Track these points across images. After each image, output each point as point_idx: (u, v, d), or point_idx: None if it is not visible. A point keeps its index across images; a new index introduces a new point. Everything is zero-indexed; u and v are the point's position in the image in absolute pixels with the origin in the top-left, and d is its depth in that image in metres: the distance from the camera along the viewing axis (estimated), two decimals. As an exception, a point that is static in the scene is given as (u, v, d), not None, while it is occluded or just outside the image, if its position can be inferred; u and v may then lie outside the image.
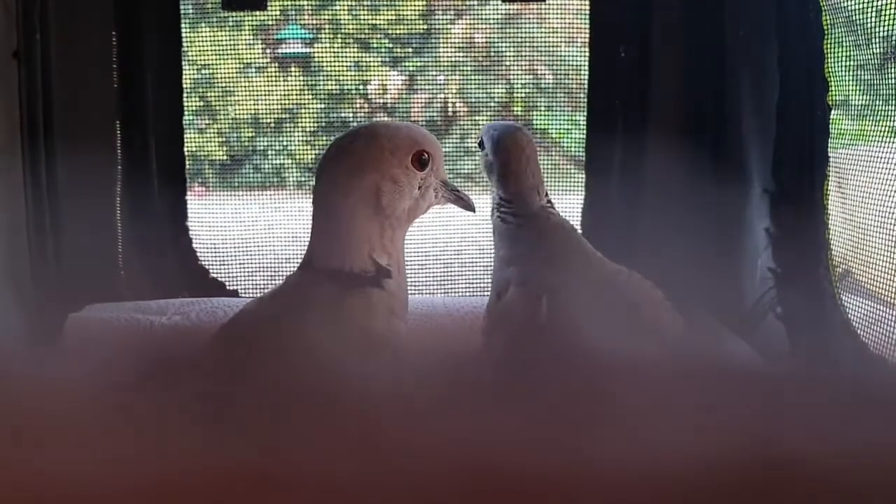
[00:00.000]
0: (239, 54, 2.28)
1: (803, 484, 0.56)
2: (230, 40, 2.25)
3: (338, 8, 2.31)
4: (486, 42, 2.27)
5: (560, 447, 0.59)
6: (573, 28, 2.17)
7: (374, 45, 2.32)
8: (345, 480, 0.56)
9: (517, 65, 2.28)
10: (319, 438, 0.60)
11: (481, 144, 1.68)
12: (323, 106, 2.34)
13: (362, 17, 2.30)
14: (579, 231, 2.18)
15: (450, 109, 2.33)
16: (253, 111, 2.35)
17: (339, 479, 0.56)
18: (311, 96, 2.33)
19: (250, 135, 2.37)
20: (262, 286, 2.30)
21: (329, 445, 0.59)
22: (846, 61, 1.82)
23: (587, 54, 2.13)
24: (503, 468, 0.57)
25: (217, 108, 2.35)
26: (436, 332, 1.87)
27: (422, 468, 0.57)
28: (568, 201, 2.20)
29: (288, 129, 2.36)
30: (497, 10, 2.24)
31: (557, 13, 2.17)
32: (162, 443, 0.60)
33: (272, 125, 2.36)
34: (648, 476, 0.56)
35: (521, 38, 2.25)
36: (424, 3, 2.23)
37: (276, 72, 2.34)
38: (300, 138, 2.37)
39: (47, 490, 0.56)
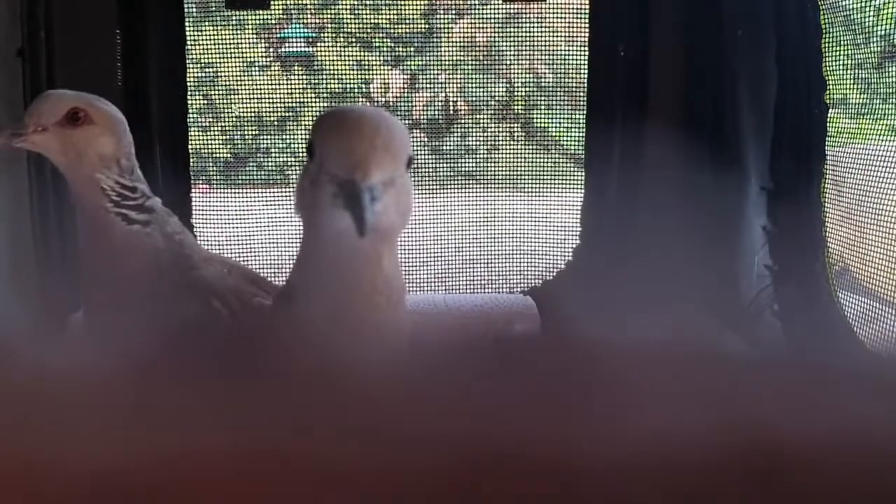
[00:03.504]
0: (242, 53, 2.29)
1: (796, 469, 0.57)
2: (233, 39, 2.25)
3: (340, 7, 2.32)
4: (487, 41, 2.28)
5: (555, 433, 0.60)
6: (573, 27, 2.17)
7: (376, 45, 2.33)
8: (348, 465, 0.57)
9: (517, 64, 2.29)
10: (326, 422, 0.61)
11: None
12: (325, 104, 2.34)
13: (364, 16, 2.31)
14: (578, 229, 2.21)
15: (451, 108, 2.34)
16: (256, 109, 2.36)
17: (343, 464, 0.57)
18: (313, 95, 2.34)
19: (254, 133, 2.38)
20: (265, 283, 2.31)
21: (334, 429, 0.60)
22: (844, 60, 1.83)
23: (587, 53, 2.13)
24: (500, 455, 0.58)
25: (221, 106, 2.37)
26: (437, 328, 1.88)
27: (422, 456, 0.58)
28: (568, 200, 2.20)
29: (291, 128, 2.38)
30: (498, 9, 2.25)
31: (557, 12, 2.17)
32: (168, 426, 0.61)
33: (275, 123, 2.37)
34: (640, 463, 0.57)
35: (522, 37, 2.25)
36: (426, 2, 2.24)
37: (279, 70, 2.35)
38: (303, 136, 2.38)
39: (48, 480, 0.57)
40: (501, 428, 0.58)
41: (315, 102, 2.34)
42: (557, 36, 2.20)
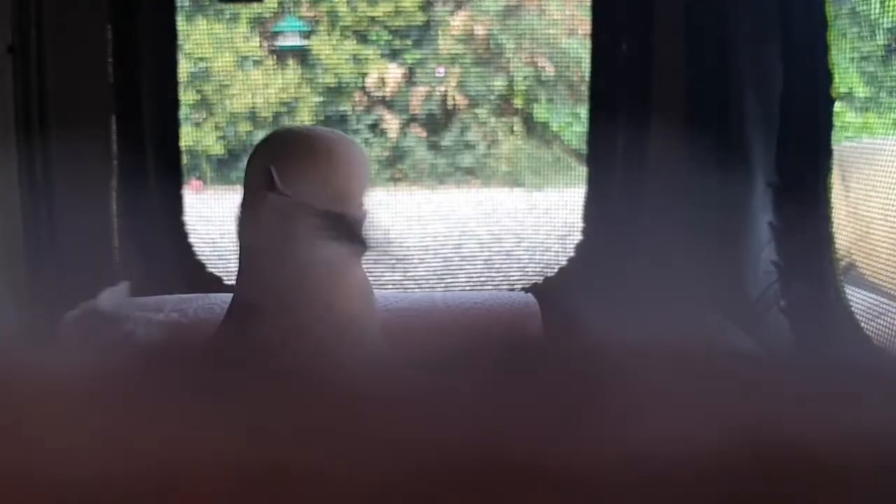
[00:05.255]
0: (236, 47, 2.26)
1: (803, 471, 0.55)
2: (227, 33, 2.23)
3: (335, 0, 2.29)
4: (487, 34, 2.26)
5: (558, 437, 0.58)
6: (574, 20, 2.15)
7: (373, 38, 2.30)
8: (343, 473, 0.55)
9: (517, 57, 2.27)
10: (319, 429, 0.59)
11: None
12: (321, 99, 2.32)
13: (360, 9, 2.28)
14: (580, 225, 2.19)
15: (449, 102, 2.32)
16: (250, 105, 2.33)
17: (337, 472, 0.55)
18: (308, 89, 2.31)
19: (248, 129, 2.35)
20: (259, 281, 2.28)
21: (327, 437, 0.58)
22: (850, 53, 1.81)
23: (588, 47, 2.11)
24: (502, 460, 0.56)
25: (214, 101, 2.33)
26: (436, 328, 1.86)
27: (422, 461, 0.56)
28: (569, 195, 2.19)
29: (286, 123, 2.35)
30: (497, 1, 2.22)
31: (558, 5, 2.15)
32: (158, 434, 0.59)
33: (270, 119, 2.34)
34: (646, 464, 0.55)
35: (522, 30, 2.23)
36: (423, -6, 2.22)
37: (273, 65, 2.32)
38: (298, 132, 2.35)
39: (41, 484, 0.55)
40: (502, 431, 0.57)
41: (310, 97, 2.31)
42: (558, 29, 2.18)
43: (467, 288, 2.24)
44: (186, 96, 2.24)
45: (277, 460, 0.54)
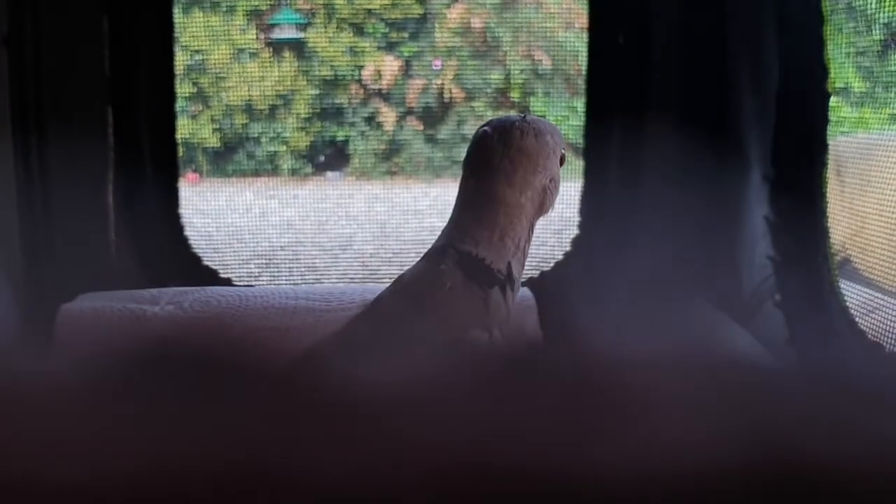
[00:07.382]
0: (232, 39, 2.25)
1: (808, 481, 0.55)
2: (223, 25, 2.22)
3: (332, -8, 2.29)
4: (483, 27, 2.25)
5: (561, 447, 0.58)
6: (571, 13, 2.15)
7: (369, 30, 2.30)
8: (346, 479, 0.55)
9: (514, 50, 2.26)
10: (328, 438, 0.58)
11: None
12: (317, 92, 2.31)
13: (357, 1, 2.28)
14: (577, 219, 2.19)
15: (446, 95, 2.31)
16: (246, 97, 2.32)
17: (341, 479, 0.54)
18: (305, 82, 2.30)
19: (244, 121, 2.35)
20: (255, 274, 2.28)
21: (336, 446, 0.57)
22: (846, 48, 1.81)
23: (586, 40, 2.11)
24: (503, 468, 0.56)
25: (210, 94, 2.33)
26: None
27: (425, 468, 0.55)
28: (566, 189, 2.18)
29: (282, 116, 2.34)
30: (494, -6, 2.22)
31: (555, -2, 2.15)
32: (159, 435, 0.58)
33: (266, 111, 2.34)
34: (650, 476, 0.55)
35: (519, 22, 2.23)
36: (420, -14, 2.21)
37: (269, 57, 2.31)
38: (294, 125, 2.35)
39: (37, 486, 0.54)
40: (502, 440, 0.57)
41: (306, 90, 2.30)
42: (555, 22, 2.17)
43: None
44: (182, 88, 2.23)
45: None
